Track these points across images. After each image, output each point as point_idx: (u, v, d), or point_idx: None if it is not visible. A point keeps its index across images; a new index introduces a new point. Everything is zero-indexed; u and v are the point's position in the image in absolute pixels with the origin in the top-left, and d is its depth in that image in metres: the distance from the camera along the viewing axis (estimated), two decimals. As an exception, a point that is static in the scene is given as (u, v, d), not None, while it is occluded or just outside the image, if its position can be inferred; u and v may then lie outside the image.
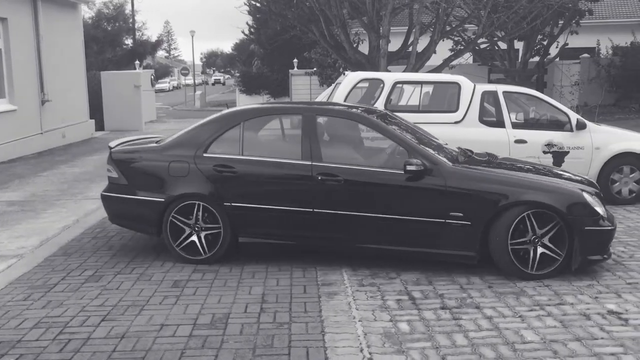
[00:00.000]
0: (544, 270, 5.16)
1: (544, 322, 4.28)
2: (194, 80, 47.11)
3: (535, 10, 15.82)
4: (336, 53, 15.18)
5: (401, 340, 4.00)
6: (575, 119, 8.17)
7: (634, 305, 4.57)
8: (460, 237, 5.26)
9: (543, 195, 5.18)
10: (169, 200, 5.67)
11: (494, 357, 3.75)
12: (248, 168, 5.64)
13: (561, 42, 22.31)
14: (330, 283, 5.15)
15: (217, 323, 4.33)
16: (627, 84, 22.30)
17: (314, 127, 5.64)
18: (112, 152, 6.12)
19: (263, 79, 36.12)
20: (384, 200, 5.42)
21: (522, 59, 22.70)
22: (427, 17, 16.24)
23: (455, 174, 5.32)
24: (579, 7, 21.11)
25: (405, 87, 9.32)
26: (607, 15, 27.20)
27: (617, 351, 3.81)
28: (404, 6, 13.45)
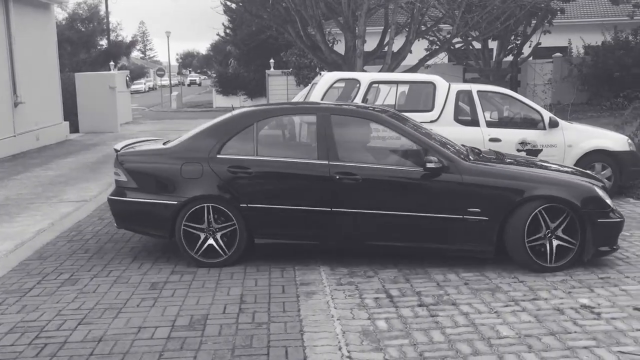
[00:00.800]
0: (560, 262, 5.30)
1: (519, 317, 4.35)
2: (170, 81, 46.70)
3: (508, 10, 16.04)
4: (312, 53, 15.21)
5: (379, 338, 4.04)
6: (548, 118, 8.31)
7: (605, 299, 4.67)
8: (478, 232, 5.36)
9: (558, 189, 5.33)
10: (182, 203, 5.56)
11: (470, 352, 3.80)
12: (264, 168, 5.60)
13: (534, 41, 22.64)
14: (309, 282, 5.17)
15: (196, 324, 4.33)
16: (598, 82, 22.70)
17: (329, 126, 5.62)
18: (119, 155, 5.97)
19: (240, 80, 36.03)
20: (402, 198, 5.46)
21: (496, 58, 23.00)
22: (403, 17, 16.36)
23: (471, 170, 5.42)
24: (551, 7, 21.45)
25: (381, 86, 9.38)
26: (578, 15, 27.67)
27: (590, 344, 3.89)
28: (379, 6, 13.53)
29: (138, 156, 6.00)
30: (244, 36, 33.28)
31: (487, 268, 5.43)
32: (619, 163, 8.30)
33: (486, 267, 5.46)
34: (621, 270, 5.31)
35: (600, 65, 22.33)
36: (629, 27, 23.26)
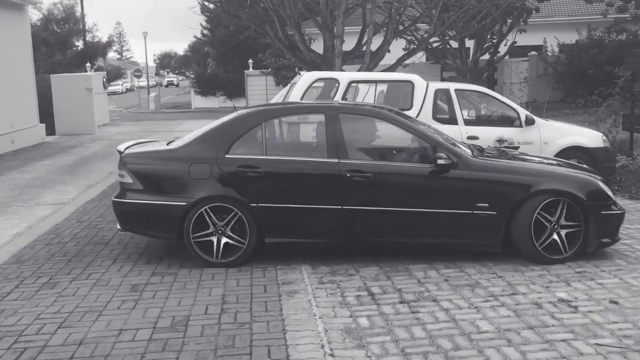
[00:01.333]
0: (564, 255, 5.45)
1: (498, 312, 4.41)
2: (148, 82, 46.28)
3: (484, 9, 16.19)
4: (291, 53, 15.21)
5: (361, 335, 4.07)
6: (525, 115, 8.43)
7: (582, 293, 4.75)
8: (486, 227, 5.47)
9: (563, 183, 5.47)
10: (191, 204, 5.52)
11: (451, 347, 3.85)
12: (274, 168, 5.59)
13: (510, 40, 22.90)
14: (291, 282, 5.18)
15: (178, 325, 4.31)
16: (573, 80, 23.06)
17: (338, 125, 5.65)
18: (124, 156, 5.87)
19: (218, 80, 35.90)
20: (412, 194, 5.54)
21: (473, 57, 23.21)
22: (380, 17, 16.43)
23: (479, 166, 5.53)
24: (526, 6, 21.71)
25: (360, 86, 9.41)
26: (553, 13, 28.05)
27: (568, 337, 3.96)
28: (357, 6, 13.58)
29: (144, 157, 5.92)
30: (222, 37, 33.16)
31: (467, 264, 5.49)
32: (594, 159, 8.44)
33: (465, 263, 5.52)
34: (597, 264, 5.41)
35: (574, 63, 22.69)
36: (603, 25, 23.67)
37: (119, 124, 25.23)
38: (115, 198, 5.88)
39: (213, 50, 37.56)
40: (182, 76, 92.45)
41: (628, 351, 3.73)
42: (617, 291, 4.75)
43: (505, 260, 5.57)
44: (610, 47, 22.17)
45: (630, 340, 3.87)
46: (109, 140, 18.23)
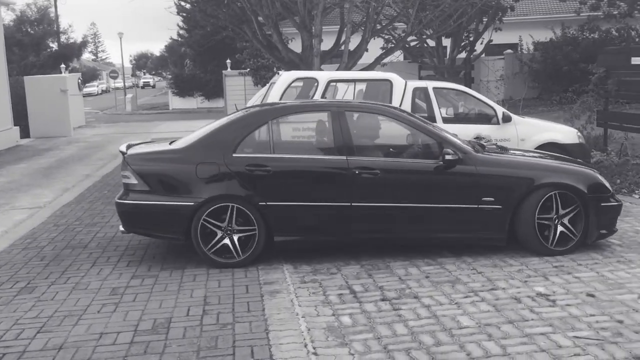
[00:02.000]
0: (566, 247, 5.60)
1: (479, 307, 4.46)
2: (124, 83, 45.80)
3: (460, 8, 16.34)
4: (269, 53, 15.18)
5: (344, 333, 4.08)
6: (501, 113, 8.53)
7: (560, 287, 4.82)
8: (492, 221, 5.58)
9: (566, 177, 5.64)
10: (199, 204, 5.48)
11: (433, 343, 3.88)
12: (283, 166, 5.60)
13: (486, 38, 23.15)
14: (272, 282, 5.18)
15: (159, 328, 4.29)
16: (548, 78, 23.37)
17: (344, 122, 5.70)
18: (127, 157, 5.78)
19: (196, 81, 35.68)
20: (420, 190, 5.62)
21: (450, 55, 23.40)
22: (358, 16, 16.48)
23: (484, 161, 5.66)
24: (501, 5, 21.96)
25: (339, 85, 9.43)
26: (528, 12, 28.40)
27: (547, 331, 4.02)
28: (335, 5, 13.60)
29: (149, 158, 5.87)
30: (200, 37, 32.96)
31: (446, 261, 5.54)
32: (569, 155, 8.54)
33: (445, 260, 5.58)
34: (574, 258, 5.50)
35: (549, 61, 22.99)
36: (576, 23, 24.02)
37: (95, 126, 24.95)
38: (119, 199, 5.79)
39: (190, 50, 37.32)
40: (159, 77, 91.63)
41: (605, 343, 3.80)
42: (593, 284, 4.83)
43: (484, 256, 5.64)
44: (584, 45, 22.51)
45: (607, 332, 3.94)
46: (85, 143, 18.02)
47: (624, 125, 10.32)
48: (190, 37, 35.88)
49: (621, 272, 5.09)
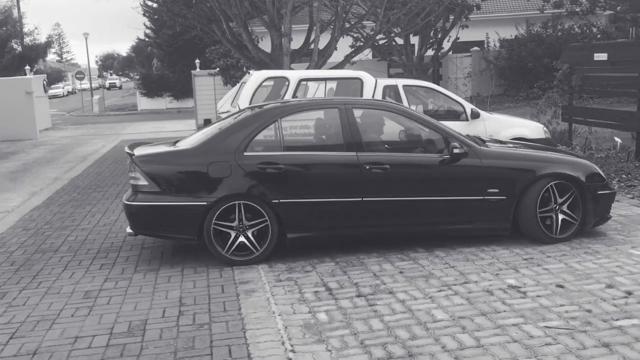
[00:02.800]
0: (566, 234, 5.83)
1: (452, 300, 4.54)
2: (91, 85, 45.03)
3: (427, 6, 16.52)
4: (239, 52, 15.13)
5: (321, 330, 4.12)
6: (470, 109, 8.67)
7: (530, 278, 4.94)
8: (497, 211, 5.79)
9: (565, 167, 5.88)
10: (212, 203, 5.47)
11: (408, 337, 3.94)
12: (295, 163, 5.64)
13: (453, 36, 23.43)
14: (248, 281, 5.19)
15: (135, 330, 4.26)
16: (513, 74, 23.79)
17: (352, 119, 5.81)
18: (136, 159, 5.70)
19: (165, 81, 35.30)
20: (428, 183, 5.77)
21: (418, 53, 23.65)
22: (327, 15, 16.54)
23: (488, 154, 5.86)
24: (467, 3, 22.26)
25: (310, 84, 9.48)
26: (493, 9, 28.84)
27: (519, 322, 4.11)
28: (304, 4, 13.62)
29: (158, 159, 5.82)
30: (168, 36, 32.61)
31: (420, 257, 5.62)
32: (537, 150, 8.76)
33: (418, 255, 5.65)
34: (543, 251, 5.63)
35: (515, 57, 23.39)
36: (540, 20, 24.50)
37: (62, 128, 24.51)
38: (129, 201, 5.70)
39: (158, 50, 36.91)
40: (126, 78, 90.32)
41: (575, 332, 3.90)
42: (562, 275, 4.96)
43: (456, 250, 5.74)
44: (548, 42, 22.96)
45: (576, 322, 4.05)
46: (52, 145, 17.71)
47: (588, 119, 10.58)
48: (158, 37, 35.48)
49: (588, 263, 5.23)
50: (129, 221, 5.84)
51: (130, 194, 5.77)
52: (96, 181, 10.85)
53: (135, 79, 42.66)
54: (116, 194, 9.46)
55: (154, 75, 36.22)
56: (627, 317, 4.07)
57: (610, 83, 9.95)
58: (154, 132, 20.92)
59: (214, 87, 21.00)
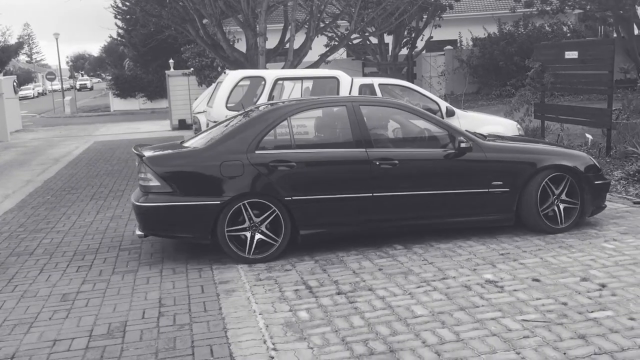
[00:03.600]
0: (567, 223, 6.05)
1: (431, 296, 4.60)
2: (62, 86, 44.32)
3: (401, 6, 16.63)
4: (214, 52, 15.05)
5: (302, 328, 4.13)
6: (445, 107, 8.77)
7: (507, 273, 5.02)
8: (501, 203, 5.99)
9: (564, 159, 6.12)
10: (225, 202, 5.48)
11: (389, 333, 3.98)
12: (306, 161, 5.70)
13: (426, 35, 23.63)
14: (228, 280, 5.18)
15: (115, 332, 4.23)
16: (486, 73, 24.08)
17: (360, 116, 5.90)
18: (147, 159, 5.67)
19: (138, 81, 34.93)
20: (436, 177, 5.93)
21: (392, 52, 23.79)
22: (302, 14, 16.55)
23: (491, 148, 6.06)
24: (440, 2, 22.47)
25: (286, 83, 9.48)
26: (466, 9, 29.14)
27: (497, 315, 4.18)
28: (279, 3, 13.61)
29: (170, 159, 5.82)
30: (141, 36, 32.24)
31: (398, 254, 5.67)
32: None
33: (397, 252, 5.70)
34: (518, 246, 5.73)
35: (487, 56, 23.68)
36: (511, 19, 24.84)
37: (33, 130, 24.11)
38: (140, 202, 5.66)
39: (132, 50, 36.47)
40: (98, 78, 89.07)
41: (551, 325, 3.98)
42: (538, 270, 5.05)
43: (434, 247, 5.80)
44: (520, 40, 23.29)
45: (553, 315, 4.14)
46: (23, 147, 17.41)
47: (560, 117, 10.77)
48: (131, 37, 35.07)
49: (563, 257, 5.33)
50: (139, 222, 5.81)
51: (140, 195, 5.74)
52: (70, 183, 10.70)
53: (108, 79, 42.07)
54: (91, 196, 9.35)
55: (126, 75, 35.79)
56: (601, 309, 4.17)
57: (580, 81, 10.15)
58: (128, 133, 20.70)
59: (188, 88, 20.85)
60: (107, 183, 10.54)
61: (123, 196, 9.25)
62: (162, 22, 17.01)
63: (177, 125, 21.04)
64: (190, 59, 20.08)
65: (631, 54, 21.78)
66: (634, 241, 5.66)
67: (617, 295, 4.39)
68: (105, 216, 7.91)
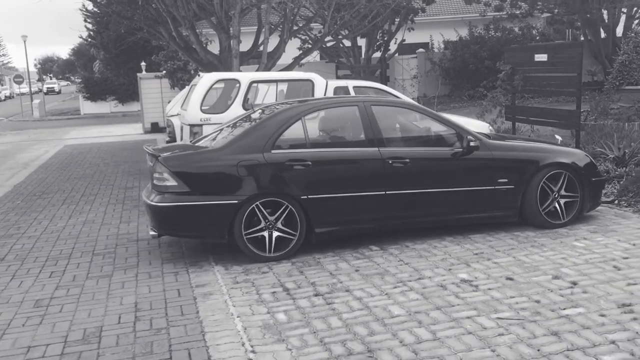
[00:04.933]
0: (568, 218, 6.29)
1: (408, 296, 4.64)
2: (30, 89, 43.48)
3: (374, 9, 16.75)
4: (187, 55, 14.96)
5: (280, 330, 4.14)
6: (419, 109, 8.83)
7: (481, 272, 5.10)
8: (506, 200, 6.20)
9: (564, 157, 6.38)
10: (242, 201, 5.52)
11: (367, 333, 4.01)
12: (321, 160, 5.80)
13: (399, 38, 23.83)
14: (205, 284, 5.15)
15: (90, 337, 4.18)
16: (458, 75, 24.37)
17: (372, 116, 6.04)
18: (164, 159, 5.66)
19: (108, 84, 34.49)
20: (445, 175, 6.10)
21: (366, 55, 23.92)
22: (276, 17, 16.55)
23: (497, 147, 6.29)
24: (413, 6, 22.69)
25: (261, 86, 9.48)
26: (438, 12, 29.44)
27: (472, 314, 4.24)
28: (252, 6, 13.58)
29: (187, 159, 5.83)
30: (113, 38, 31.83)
31: (374, 255, 5.71)
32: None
33: (373, 253, 5.75)
34: (492, 245, 5.82)
35: (459, 59, 23.97)
36: (481, 22, 25.20)
37: (1, 134, 23.65)
38: (156, 202, 5.64)
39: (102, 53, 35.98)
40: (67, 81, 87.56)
41: (525, 322, 4.06)
42: (511, 268, 5.14)
43: (409, 248, 5.86)
44: (490, 43, 23.64)
45: (526, 312, 4.22)
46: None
47: (530, 118, 10.95)
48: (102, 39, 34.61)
49: (535, 256, 5.44)
50: (154, 222, 5.79)
51: (154, 195, 5.72)
52: (41, 188, 10.53)
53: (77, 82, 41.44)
54: (62, 200, 9.21)
55: (97, 78, 35.31)
56: (573, 307, 4.27)
57: (550, 83, 10.33)
58: (99, 136, 20.43)
59: (161, 90, 20.67)
60: (79, 187, 10.39)
61: (95, 200, 9.13)
62: (134, 25, 16.83)
63: (150, 129, 20.83)
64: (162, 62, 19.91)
65: (598, 56, 22.27)
66: (604, 240, 5.80)
67: (588, 293, 4.49)
68: (78, 221, 7.80)
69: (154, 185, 5.78)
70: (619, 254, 5.32)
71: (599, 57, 22.20)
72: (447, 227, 6.27)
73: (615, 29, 22.29)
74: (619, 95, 12.95)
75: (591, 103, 13.12)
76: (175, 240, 6.56)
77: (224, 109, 8.70)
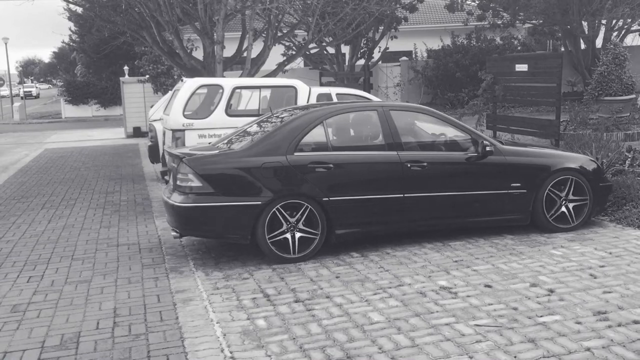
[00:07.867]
0: (581, 217, 6.47)
1: (387, 303, 4.67)
2: (11, 92, 42.99)
3: (358, 17, 16.85)
4: (170, 59, 14.91)
5: (260, 336, 4.14)
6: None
7: (460, 279, 5.15)
8: (519, 204, 6.35)
9: (574, 163, 6.58)
10: (266, 202, 5.60)
11: (346, 340, 4.03)
12: (343, 163, 5.91)
13: (383, 46, 23.98)
14: (184, 290, 5.14)
15: (68, 343, 4.14)
16: (440, 83, 24.57)
17: (391, 121, 6.19)
18: (189, 160, 5.72)
19: (90, 88, 34.24)
20: (462, 179, 6.26)
21: (349, 62, 24.04)
22: (260, 23, 16.57)
23: (510, 152, 6.44)
24: (396, 15, 22.87)
25: (244, 91, 9.48)
26: (421, 21, 29.71)
27: (451, 321, 4.28)
28: (237, 12, 13.59)
29: (212, 161, 5.84)
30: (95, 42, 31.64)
31: (355, 261, 5.74)
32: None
33: (354, 260, 5.77)
34: (471, 253, 5.87)
35: (441, 67, 24.19)
36: (464, 32, 25.46)
37: (-20, 137, 23.31)
38: (179, 203, 5.67)
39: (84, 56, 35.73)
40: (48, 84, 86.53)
41: (503, 329, 4.11)
42: (490, 276, 5.20)
43: (390, 255, 5.89)
44: (472, 53, 23.89)
45: (504, 319, 4.26)
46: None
47: (511, 127, 11.09)
48: (84, 43, 34.37)
49: (513, 264, 5.50)
50: (177, 223, 5.80)
51: (177, 195, 5.76)
52: (20, 192, 10.41)
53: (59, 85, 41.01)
54: (42, 204, 9.12)
55: (78, 81, 35.02)
56: (550, 314, 4.32)
57: (530, 92, 10.48)
58: (80, 140, 20.26)
59: (143, 95, 20.57)
60: (59, 191, 10.29)
61: (75, 205, 9.06)
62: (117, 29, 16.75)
63: (132, 133, 20.71)
64: (145, 66, 19.82)
65: (578, 67, 22.60)
66: (580, 248, 5.88)
67: (564, 300, 4.56)
68: (57, 225, 7.73)
69: (177, 185, 5.81)
70: (596, 263, 5.40)
71: (578, 67, 22.53)
72: (427, 235, 6.32)
73: (595, 40, 22.64)
74: (597, 106, 13.12)
75: (571, 113, 13.30)
76: (156, 246, 6.53)
77: (206, 114, 8.69)
